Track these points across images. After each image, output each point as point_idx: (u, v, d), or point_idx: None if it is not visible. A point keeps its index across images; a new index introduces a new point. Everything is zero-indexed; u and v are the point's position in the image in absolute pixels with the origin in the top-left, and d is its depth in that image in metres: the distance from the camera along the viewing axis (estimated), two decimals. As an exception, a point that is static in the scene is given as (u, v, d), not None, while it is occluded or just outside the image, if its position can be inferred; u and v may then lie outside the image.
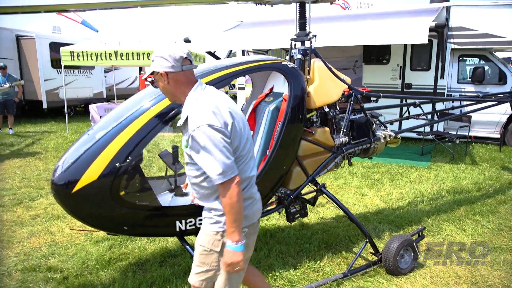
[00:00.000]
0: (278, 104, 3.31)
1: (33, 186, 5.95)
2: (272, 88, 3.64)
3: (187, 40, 9.03)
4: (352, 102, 3.68)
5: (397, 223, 4.50)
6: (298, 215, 3.54)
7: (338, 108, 3.72)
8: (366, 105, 3.97)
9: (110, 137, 2.58)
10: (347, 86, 3.68)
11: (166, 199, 3.24)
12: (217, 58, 9.69)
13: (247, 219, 2.04)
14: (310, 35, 3.41)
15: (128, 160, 2.55)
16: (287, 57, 3.57)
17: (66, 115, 11.37)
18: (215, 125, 1.87)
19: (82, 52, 10.37)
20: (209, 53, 9.66)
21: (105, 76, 15.60)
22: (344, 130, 3.57)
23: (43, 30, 14.06)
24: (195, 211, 2.87)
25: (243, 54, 10.26)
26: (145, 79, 2.09)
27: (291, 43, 3.53)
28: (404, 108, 5.24)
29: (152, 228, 2.89)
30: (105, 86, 15.62)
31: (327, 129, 3.48)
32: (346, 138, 3.56)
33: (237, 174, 1.91)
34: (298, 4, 3.45)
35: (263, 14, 10.71)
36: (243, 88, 10.94)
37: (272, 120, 3.29)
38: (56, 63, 12.84)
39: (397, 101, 7.54)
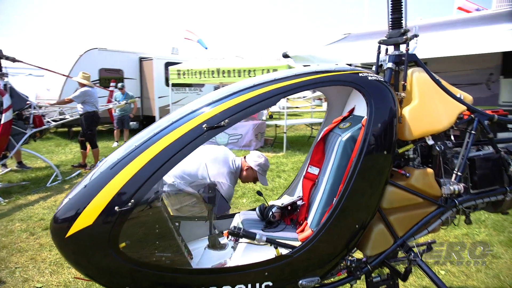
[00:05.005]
0: (354, 133, 2.33)
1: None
2: (352, 110, 2.67)
3: (285, 55, 8.45)
4: (473, 132, 2.48)
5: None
6: (385, 286, 2.49)
7: (453, 140, 2.55)
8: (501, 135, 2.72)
9: (113, 171, 1.99)
10: (466, 108, 2.50)
11: (198, 252, 2.54)
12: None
13: None
14: (408, 34, 2.37)
15: (130, 203, 1.92)
16: (374, 68, 2.58)
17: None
18: None
19: (188, 70, 10.65)
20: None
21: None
22: (459, 174, 2.40)
23: (162, 51, 15.19)
24: (228, 277, 2.10)
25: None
26: None
27: (379, 47, 2.53)
28: None
29: None
30: (214, 103, 16.13)
31: (430, 170, 2.34)
32: (461, 186, 2.37)
33: None
34: (390, -8, 2.44)
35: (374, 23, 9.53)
36: None
37: (345, 154, 2.33)
38: (169, 81, 13.67)
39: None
